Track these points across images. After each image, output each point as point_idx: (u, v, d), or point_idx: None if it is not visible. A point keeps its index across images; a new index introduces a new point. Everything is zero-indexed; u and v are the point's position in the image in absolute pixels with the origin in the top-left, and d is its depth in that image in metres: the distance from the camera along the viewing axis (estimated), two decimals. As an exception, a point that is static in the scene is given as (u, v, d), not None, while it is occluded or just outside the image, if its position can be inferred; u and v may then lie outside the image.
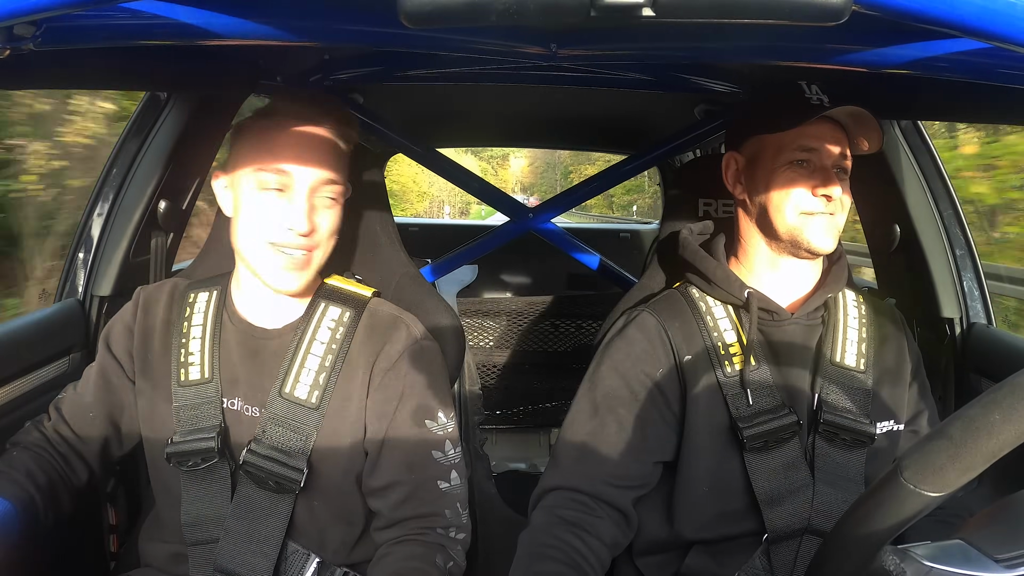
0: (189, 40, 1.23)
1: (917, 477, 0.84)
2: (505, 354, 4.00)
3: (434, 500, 1.58)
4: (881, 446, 1.62)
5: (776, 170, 1.58)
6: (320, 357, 1.58)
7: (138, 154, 2.15)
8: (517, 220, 3.05)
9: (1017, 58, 0.88)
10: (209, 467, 1.58)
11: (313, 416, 1.56)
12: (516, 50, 1.31)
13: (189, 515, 1.59)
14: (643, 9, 0.82)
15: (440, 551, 1.54)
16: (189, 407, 1.60)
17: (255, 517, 1.56)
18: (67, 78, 1.72)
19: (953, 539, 0.92)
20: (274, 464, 1.54)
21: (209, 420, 1.59)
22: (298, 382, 1.57)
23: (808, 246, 1.57)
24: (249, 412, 1.59)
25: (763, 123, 1.62)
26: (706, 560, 1.64)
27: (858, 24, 0.86)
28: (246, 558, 1.55)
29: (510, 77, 2.27)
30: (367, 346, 1.61)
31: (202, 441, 1.57)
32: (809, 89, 1.56)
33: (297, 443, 1.55)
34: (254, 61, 2.05)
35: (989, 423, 0.80)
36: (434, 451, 1.59)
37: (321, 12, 1.21)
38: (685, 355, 1.61)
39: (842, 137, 1.58)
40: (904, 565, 0.89)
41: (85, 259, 2.14)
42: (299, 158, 1.49)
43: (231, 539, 1.56)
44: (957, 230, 2.28)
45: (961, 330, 2.25)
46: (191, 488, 1.59)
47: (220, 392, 1.60)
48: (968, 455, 0.81)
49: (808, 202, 1.56)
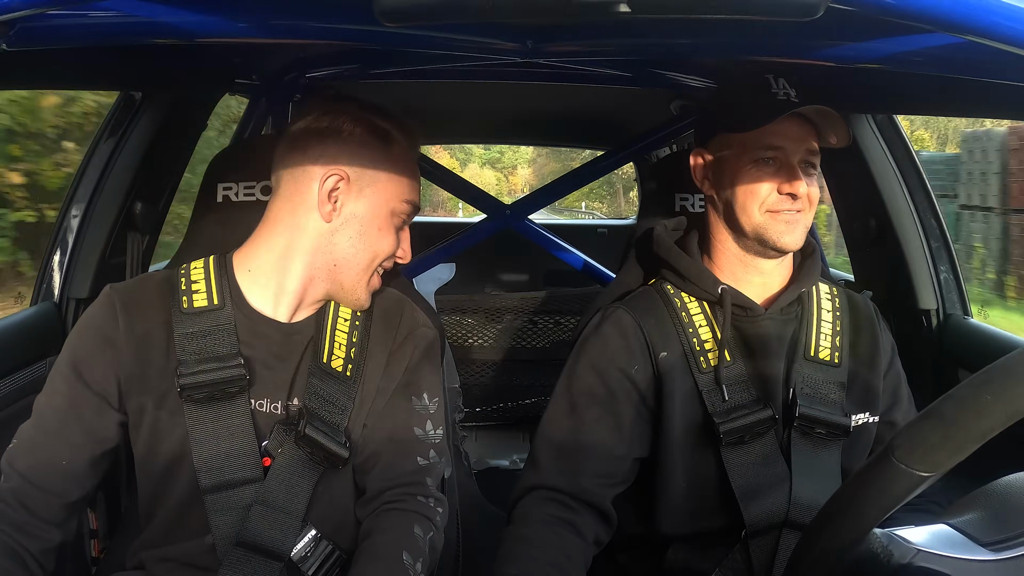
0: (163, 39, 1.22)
1: (909, 457, 0.84)
2: (484, 351, 4.00)
3: (412, 472, 1.56)
4: (857, 439, 1.63)
5: (742, 168, 1.57)
6: (347, 332, 1.58)
7: (113, 154, 2.13)
8: (494, 217, 3.05)
9: (989, 51, 0.88)
10: (231, 398, 1.45)
11: (350, 388, 1.54)
12: (492, 47, 1.31)
13: (202, 456, 1.44)
14: (619, 5, 0.82)
15: (419, 520, 1.52)
16: (199, 334, 1.46)
17: (290, 489, 1.48)
18: (40, 78, 1.71)
19: (938, 523, 0.93)
20: (327, 439, 1.47)
21: (225, 348, 1.46)
22: (333, 355, 1.54)
23: (775, 244, 1.57)
24: (278, 411, 1.50)
25: (729, 121, 1.62)
26: (687, 555, 1.65)
27: (832, 20, 0.87)
28: (276, 529, 1.45)
29: (487, 74, 2.27)
30: (385, 328, 1.61)
31: (221, 370, 1.44)
32: (776, 84, 1.54)
33: (337, 416, 1.51)
34: (229, 59, 2.04)
35: (980, 403, 0.81)
36: (416, 427, 1.58)
37: (297, 10, 1.20)
38: (660, 352, 1.61)
39: (809, 132, 1.57)
40: (891, 548, 0.90)
41: (61, 261, 2.12)
42: None
43: (266, 505, 1.45)
44: (933, 222, 2.29)
45: (938, 321, 2.27)
46: (204, 424, 1.44)
47: (235, 325, 1.48)
48: (960, 435, 0.82)
49: (774, 200, 1.55)
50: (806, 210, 1.57)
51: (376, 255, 1.53)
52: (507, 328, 4.01)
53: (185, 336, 1.46)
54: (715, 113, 1.71)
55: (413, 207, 1.56)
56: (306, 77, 2.45)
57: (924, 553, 0.88)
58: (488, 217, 3.09)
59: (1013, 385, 0.80)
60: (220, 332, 1.47)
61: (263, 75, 2.35)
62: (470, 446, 3.74)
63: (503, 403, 4.01)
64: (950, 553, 0.88)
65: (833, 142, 1.58)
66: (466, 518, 2.00)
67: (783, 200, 1.55)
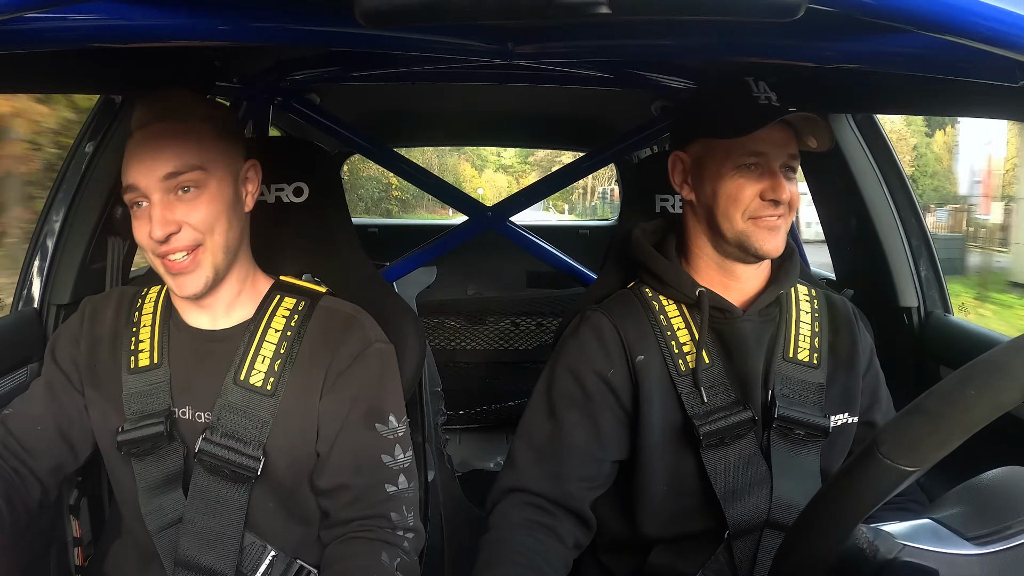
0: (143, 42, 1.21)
1: (894, 452, 0.85)
2: (466, 354, 4.00)
3: (381, 503, 1.56)
4: (836, 439, 1.64)
5: (724, 174, 1.56)
6: (275, 344, 1.57)
7: (93, 158, 2.12)
8: (476, 219, 3.05)
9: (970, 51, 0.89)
10: (159, 454, 1.55)
11: (268, 403, 1.54)
12: (473, 49, 1.30)
13: (147, 505, 1.56)
14: (600, 6, 0.82)
15: (385, 547, 1.52)
16: (139, 394, 1.56)
17: (212, 508, 1.54)
18: (19, 82, 1.69)
19: (923, 518, 0.93)
20: (230, 452, 1.52)
21: (158, 406, 1.56)
22: (253, 369, 1.55)
23: (756, 251, 1.56)
24: (201, 419, 1.56)
25: (711, 126, 1.60)
26: (670, 557, 1.65)
27: (812, 20, 0.87)
28: (208, 549, 1.53)
29: (468, 76, 2.27)
30: (323, 347, 1.59)
31: (151, 427, 1.54)
32: (756, 87, 1.54)
33: (253, 431, 1.53)
34: (210, 62, 2.03)
35: (965, 398, 0.82)
36: (383, 455, 1.58)
37: (276, 13, 1.20)
38: (638, 355, 1.61)
39: (790, 136, 1.56)
40: (877, 543, 0.90)
41: (41, 267, 2.10)
42: (138, 167, 1.45)
43: (191, 531, 1.53)
44: (912, 220, 2.31)
45: (919, 318, 2.28)
46: (145, 477, 1.56)
47: (170, 378, 1.57)
48: (944, 429, 0.83)
49: (756, 207, 1.54)
50: (787, 215, 1.57)
51: (144, 250, 1.50)
52: (489, 330, 4.01)
53: (129, 396, 1.58)
54: (695, 116, 1.70)
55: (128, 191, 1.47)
56: (287, 80, 2.44)
57: (910, 548, 0.89)
58: (470, 219, 3.09)
59: (997, 379, 0.81)
60: (156, 392, 1.58)
61: (244, 78, 2.35)
62: (453, 449, 3.74)
63: (486, 406, 4.01)
64: (935, 547, 0.89)
65: (812, 145, 1.57)
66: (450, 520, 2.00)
67: (766, 206, 1.54)
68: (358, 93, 2.94)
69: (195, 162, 1.46)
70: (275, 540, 1.58)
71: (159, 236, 1.43)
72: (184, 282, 1.48)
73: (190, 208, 1.46)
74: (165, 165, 1.44)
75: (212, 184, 1.49)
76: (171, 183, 1.44)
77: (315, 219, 1.87)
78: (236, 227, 1.54)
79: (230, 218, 1.52)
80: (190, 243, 1.46)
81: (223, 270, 1.52)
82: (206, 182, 1.48)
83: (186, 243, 1.46)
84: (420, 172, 3.08)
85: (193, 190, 1.46)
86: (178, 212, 1.45)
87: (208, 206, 1.48)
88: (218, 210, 1.49)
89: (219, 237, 1.49)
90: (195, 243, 1.47)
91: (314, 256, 1.87)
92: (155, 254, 1.46)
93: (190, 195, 1.46)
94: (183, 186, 1.45)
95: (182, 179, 1.45)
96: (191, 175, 1.46)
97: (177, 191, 1.45)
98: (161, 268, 1.48)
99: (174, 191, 1.45)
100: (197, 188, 1.47)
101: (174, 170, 1.44)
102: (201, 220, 1.47)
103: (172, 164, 1.44)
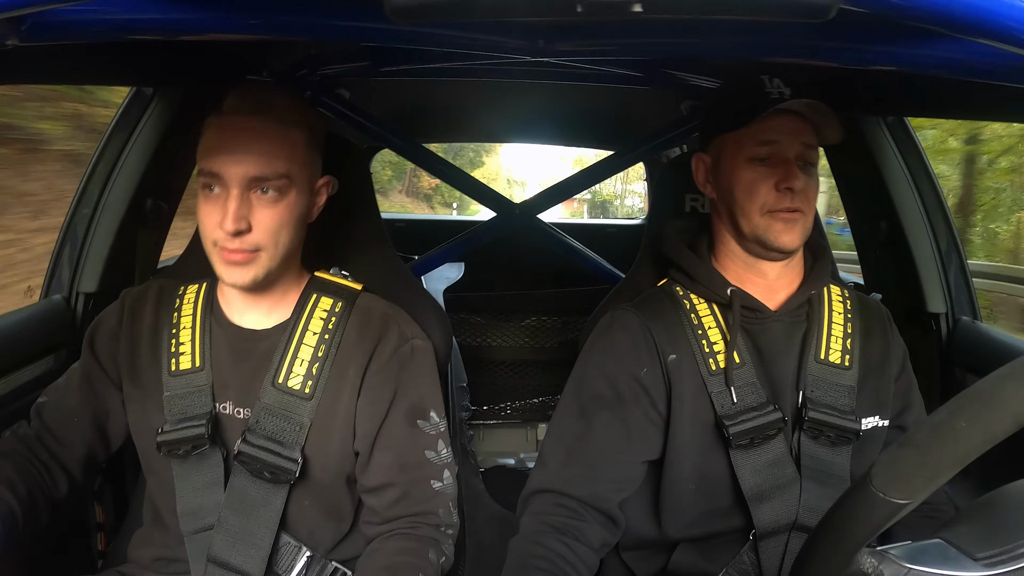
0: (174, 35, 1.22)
1: (886, 485, 0.84)
2: (492, 350, 4.00)
3: (428, 499, 1.57)
4: (867, 442, 1.62)
5: (738, 167, 1.57)
6: (313, 347, 1.57)
7: (124, 150, 2.14)
8: (504, 216, 3.04)
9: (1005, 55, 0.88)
10: (200, 455, 1.56)
11: (307, 406, 1.55)
12: (503, 45, 1.30)
13: (184, 505, 1.58)
14: (633, 5, 0.82)
15: (432, 545, 1.54)
16: (179, 396, 1.58)
17: (249, 509, 1.55)
18: (51, 73, 1.71)
19: (933, 538, 0.92)
20: (269, 454, 1.53)
21: (199, 408, 1.57)
22: (291, 373, 1.56)
23: (773, 244, 1.56)
24: (241, 415, 1.58)
25: (723, 121, 1.61)
26: (694, 556, 1.64)
27: (844, 21, 0.86)
28: (240, 549, 1.54)
29: (497, 72, 2.26)
30: (359, 345, 1.59)
31: (192, 429, 1.55)
32: (770, 83, 1.53)
33: (291, 433, 1.54)
34: (239, 55, 2.04)
35: (955, 430, 0.80)
36: (427, 451, 1.59)
37: (307, 7, 1.20)
38: (669, 354, 1.60)
39: (804, 128, 1.56)
40: (882, 567, 0.89)
41: (71, 255, 2.13)
42: (227, 158, 1.44)
43: (225, 530, 1.55)
44: (943, 225, 2.28)
45: (947, 325, 2.26)
46: (184, 478, 1.58)
47: (211, 381, 1.58)
48: (934, 463, 0.82)
49: (772, 199, 1.54)
50: (804, 210, 1.56)
51: (204, 232, 1.49)
52: (516, 327, 4.01)
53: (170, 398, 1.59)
54: (711, 115, 1.71)
55: (207, 175, 1.46)
56: (317, 74, 2.45)
57: (916, 572, 0.88)
58: (498, 216, 3.08)
59: (987, 411, 0.79)
60: (197, 394, 1.59)
61: (274, 72, 2.35)
62: (477, 444, 3.75)
63: (511, 402, 4.01)
64: (942, 570, 0.88)
65: (830, 139, 1.57)
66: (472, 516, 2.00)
67: (781, 198, 1.53)
68: (388, 88, 2.94)
69: (284, 171, 1.46)
70: (309, 539, 1.60)
71: (230, 229, 1.42)
72: (235, 272, 1.47)
73: (265, 211, 1.46)
74: (256, 166, 1.44)
75: (292, 194, 1.49)
76: (255, 183, 1.45)
77: (345, 214, 1.87)
78: (298, 236, 1.55)
79: (296, 228, 1.53)
80: (254, 245, 1.46)
81: (274, 273, 1.53)
82: (287, 190, 1.48)
83: (250, 244, 1.46)
84: (448, 168, 3.09)
85: (273, 194, 1.46)
86: (253, 211, 1.46)
87: (282, 214, 1.48)
88: (289, 220, 1.50)
89: (281, 245, 1.50)
90: (258, 247, 1.47)
91: (344, 251, 1.87)
92: (214, 242, 1.47)
93: (269, 198, 1.46)
94: (265, 188, 1.46)
95: (267, 184, 1.46)
96: (277, 183, 1.46)
97: (257, 191, 1.46)
98: (216, 255, 1.48)
99: (255, 189, 1.46)
100: (278, 194, 1.47)
101: (263, 175, 1.44)
102: (271, 225, 1.47)
103: (262, 168, 1.44)
